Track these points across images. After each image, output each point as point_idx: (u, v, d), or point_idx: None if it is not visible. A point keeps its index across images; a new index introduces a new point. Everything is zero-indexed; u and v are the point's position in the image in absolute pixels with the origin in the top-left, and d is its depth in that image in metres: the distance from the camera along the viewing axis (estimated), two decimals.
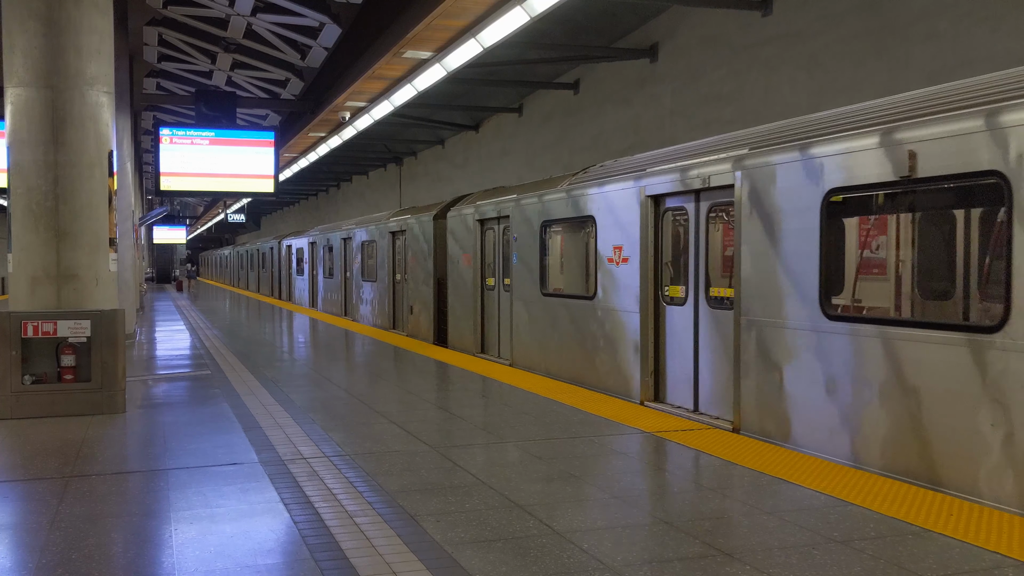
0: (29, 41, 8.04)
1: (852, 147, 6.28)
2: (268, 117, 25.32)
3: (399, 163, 32.80)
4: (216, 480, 5.54)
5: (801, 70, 12.93)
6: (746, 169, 7.52)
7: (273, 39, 17.03)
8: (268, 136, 13.66)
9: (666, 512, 4.82)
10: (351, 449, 6.40)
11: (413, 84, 14.10)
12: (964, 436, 5.31)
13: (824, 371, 6.46)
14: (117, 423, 7.54)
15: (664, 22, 16.12)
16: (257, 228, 70.41)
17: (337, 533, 4.48)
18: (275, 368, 11.21)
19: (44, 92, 8.07)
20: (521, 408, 8.17)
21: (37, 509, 4.93)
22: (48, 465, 5.98)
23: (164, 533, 4.53)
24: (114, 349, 7.96)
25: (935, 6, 10.87)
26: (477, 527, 4.55)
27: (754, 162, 7.43)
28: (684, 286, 8.77)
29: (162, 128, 13.17)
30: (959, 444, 5.35)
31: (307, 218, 50.98)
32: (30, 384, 7.79)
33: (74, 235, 8.15)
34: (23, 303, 8.07)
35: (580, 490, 5.28)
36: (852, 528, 4.51)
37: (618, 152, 17.74)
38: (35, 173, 8.07)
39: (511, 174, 22.50)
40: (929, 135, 5.65)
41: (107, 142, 8.47)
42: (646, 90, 16.83)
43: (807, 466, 5.85)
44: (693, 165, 8.50)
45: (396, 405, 8.33)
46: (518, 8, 10.03)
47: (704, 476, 5.65)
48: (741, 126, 14.16)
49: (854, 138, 6.29)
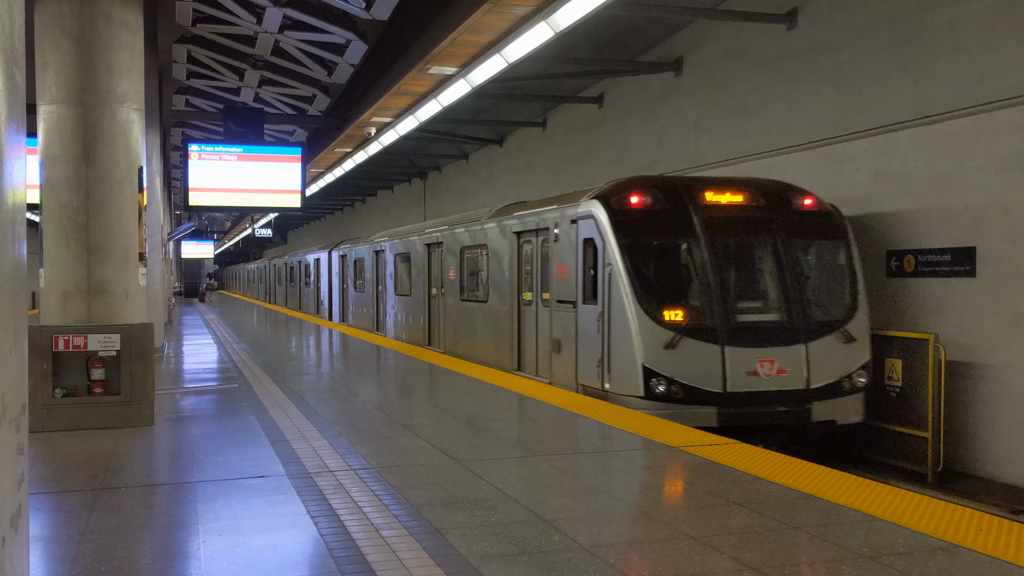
0: (61, 59, 8.18)
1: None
2: (295, 133, 25.52)
3: (424, 177, 32.96)
4: (244, 493, 5.57)
5: (827, 83, 12.89)
6: (572, 218, 11.46)
7: (300, 56, 17.19)
8: (295, 152, 13.77)
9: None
10: (377, 462, 6.42)
11: (438, 99, 14.18)
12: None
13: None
14: (146, 436, 7.61)
15: (688, 36, 16.13)
16: (284, 242, 70.91)
17: (363, 546, 4.50)
18: (301, 382, 11.27)
19: (76, 109, 8.20)
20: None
21: (67, 521, 4.98)
22: (78, 477, 6.04)
23: (192, 545, 4.57)
24: (143, 363, 8.04)
25: (962, 19, 10.81)
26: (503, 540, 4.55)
27: (571, 212, 11.47)
28: (532, 292, 13.07)
29: (191, 144, 13.31)
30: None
31: (332, 232, 51.25)
32: (61, 397, 7.88)
33: (104, 250, 8.26)
34: (54, 317, 8.18)
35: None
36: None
37: (643, 166, 17.73)
38: (66, 189, 8.19)
39: (535, 188, 22.56)
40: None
41: (137, 158, 8.58)
42: (670, 103, 16.83)
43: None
44: (532, 214, 12.88)
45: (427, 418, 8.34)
46: (542, 24, 10.07)
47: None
48: (767, 139, 14.13)
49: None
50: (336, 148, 20.48)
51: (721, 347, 9.95)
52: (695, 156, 16.04)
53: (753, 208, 10.92)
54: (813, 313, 10.54)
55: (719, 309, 10.21)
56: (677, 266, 10.96)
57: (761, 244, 10.86)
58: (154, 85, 15.64)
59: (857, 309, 10.67)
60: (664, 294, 10.47)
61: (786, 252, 10.70)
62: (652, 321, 10.01)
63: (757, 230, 10.82)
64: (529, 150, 23.55)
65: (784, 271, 10.62)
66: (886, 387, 11.11)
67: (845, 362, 10.37)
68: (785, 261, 10.66)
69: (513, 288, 13.75)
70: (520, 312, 13.58)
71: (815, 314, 10.55)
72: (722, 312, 10.19)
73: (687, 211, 10.61)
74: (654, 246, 10.87)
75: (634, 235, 10.52)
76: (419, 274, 18.77)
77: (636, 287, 10.15)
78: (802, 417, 10.11)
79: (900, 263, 11.62)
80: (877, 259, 12.01)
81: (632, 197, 10.69)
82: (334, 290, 28.86)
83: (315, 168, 24.11)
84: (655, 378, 9.86)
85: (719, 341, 9.99)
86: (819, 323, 10.45)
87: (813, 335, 10.31)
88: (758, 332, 10.28)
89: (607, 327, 10.54)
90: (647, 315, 10.02)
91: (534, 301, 13.03)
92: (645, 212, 10.69)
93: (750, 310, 10.59)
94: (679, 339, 9.92)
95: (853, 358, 10.41)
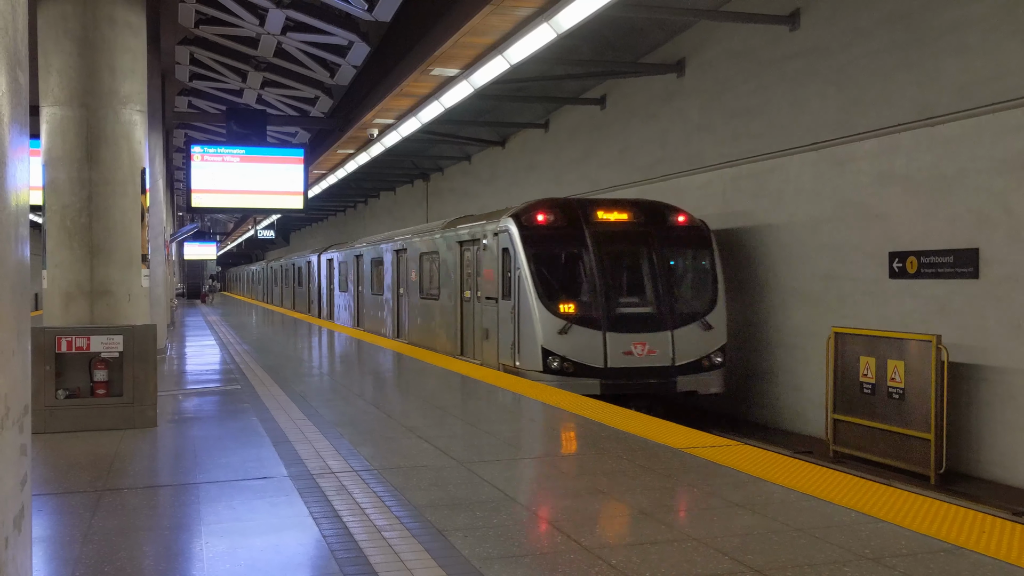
0: (64, 61, 8.18)
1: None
2: (297, 134, 25.54)
3: (426, 179, 32.98)
4: (246, 494, 5.58)
5: (830, 84, 12.88)
6: (494, 231, 14.20)
7: (303, 57, 17.21)
8: (298, 153, 13.78)
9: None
10: (379, 463, 6.42)
11: (440, 101, 14.18)
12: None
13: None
14: (149, 437, 7.62)
15: (691, 37, 16.13)
16: (286, 244, 70.95)
17: (366, 547, 4.50)
18: (304, 383, 11.28)
19: (79, 111, 8.21)
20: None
21: (70, 522, 4.99)
22: (81, 478, 6.05)
23: (195, 547, 4.57)
24: (146, 364, 8.04)
25: (965, 19, 10.80)
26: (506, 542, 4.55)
27: (493, 227, 14.34)
28: (470, 291, 15.55)
29: (193, 146, 13.32)
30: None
31: (334, 234, 51.27)
32: (63, 399, 7.89)
33: (107, 251, 8.27)
34: (57, 319, 8.18)
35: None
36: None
37: (645, 167, 17.74)
38: (69, 191, 8.20)
39: (538, 189, 22.57)
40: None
41: (140, 160, 8.59)
42: (673, 105, 16.83)
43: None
44: (470, 226, 15.72)
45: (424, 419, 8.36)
46: (545, 25, 10.06)
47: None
48: (769, 140, 14.12)
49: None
50: (338, 150, 20.49)
51: (603, 333, 12.70)
52: (697, 157, 16.04)
53: (634, 224, 13.72)
54: (679, 307, 13.29)
55: (603, 303, 12.91)
56: (571, 270, 13.66)
57: (639, 252, 13.60)
58: (157, 87, 15.65)
59: (716, 303, 13.36)
60: (560, 292, 13.18)
61: (659, 258, 13.44)
62: (550, 313, 12.79)
63: (636, 241, 13.61)
64: (532, 151, 23.56)
65: (657, 273, 13.36)
66: (888, 388, 11.10)
67: (705, 345, 13.10)
68: (658, 266, 13.40)
69: (457, 288, 16.41)
70: (463, 308, 16.22)
71: (680, 307, 13.29)
72: (605, 305, 12.90)
73: (581, 227, 13.42)
74: (553, 254, 13.63)
75: (538, 246, 13.34)
76: (389, 276, 21.51)
77: (538, 286, 12.97)
78: (669, 388, 12.88)
79: (903, 264, 11.61)
80: (879, 260, 12.01)
81: (538, 215, 13.53)
82: (323, 290, 31.56)
83: (317, 170, 24.13)
84: (551, 356, 12.64)
85: (602, 328, 12.73)
86: (684, 314, 13.19)
87: (678, 324, 13.06)
88: (633, 321, 12.99)
89: (518, 318, 13.34)
90: (546, 308, 12.81)
91: (472, 298, 15.68)
92: (548, 227, 13.49)
93: (628, 304, 13.28)
94: (570, 327, 12.72)
95: (711, 342, 13.17)
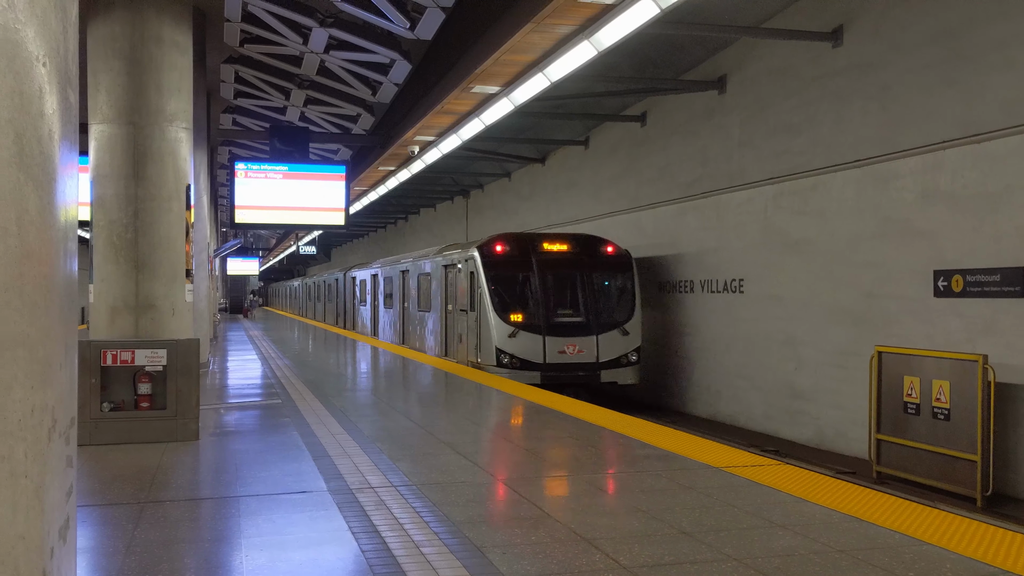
0: (113, 80, 8.36)
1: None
2: (339, 151, 25.78)
3: (466, 195, 33.10)
4: (286, 508, 5.61)
5: (873, 101, 12.75)
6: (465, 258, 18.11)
7: (345, 75, 17.38)
8: (339, 170, 13.93)
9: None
10: (418, 479, 6.44)
11: (481, 118, 14.25)
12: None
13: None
14: (191, 450, 7.70)
15: (732, 54, 16.07)
16: (328, 260, 71.57)
17: (404, 563, 4.50)
18: (343, 397, 11.35)
19: (126, 128, 8.38)
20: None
21: (114, 533, 5.05)
22: (124, 491, 6.13)
23: (235, 559, 4.61)
24: (189, 378, 8.14)
25: (1012, 35, 10.65)
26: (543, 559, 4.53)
27: (464, 255, 18.34)
28: (451, 304, 19.28)
29: (237, 163, 13.52)
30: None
31: (375, 250, 51.64)
32: (108, 411, 8.00)
33: (152, 266, 8.41)
34: (103, 332, 8.33)
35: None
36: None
37: (685, 184, 17.68)
38: (116, 206, 8.36)
39: (577, 206, 22.56)
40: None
41: (185, 176, 8.73)
42: (714, 121, 16.76)
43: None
44: (451, 253, 19.59)
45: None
46: (585, 43, 10.08)
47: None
48: (811, 157, 14.00)
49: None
50: (379, 166, 20.66)
51: (543, 336, 16.43)
52: (738, 175, 15.95)
53: (570, 253, 17.59)
54: (603, 317, 16.98)
55: (543, 314, 16.69)
56: (520, 289, 17.23)
57: (573, 275, 17.30)
58: (202, 104, 15.91)
59: (633, 315, 17.11)
60: (511, 305, 16.85)
61: (589, 280, 17.24)
62: (503, 321, 16.51)
63: (571, 266, 17.35)
64: (571, 168, 23.57)
65: (587, 292, 17.14)
66: (933, 408, 10.91)
67: (623, 347, 16.82)
68: (588, 286, 17.19)
69: (443, 302, 20.30)
70: (446, 318, 20.12)
71: (604, 318, 16.99)
72: (544, 316, 16.68)
73: (529, 255, 17.34)
74: (507, 276, 17.23)
75: (495, 270, 17.11)
76: (397, 292, 25.82)
77: (495, 301, 16.73)
78: (594, 379, 16.49)
79: (948, 283, 11.43)
80: (924, 278, 11.83)
81: (497, 246, 17.36)
82: (347, 304, 36.69)
83: (358, 186, 24.32)
84: (503, 354, 16.32)
85: (542, 332, 16.47)
86: (607, 323, 16.91)
87: (602, 330, 16.75)
88: (567, 328, 16.68)
89: (479, 325, 17.14)
90: (500, 318, 16.55)
91: (453, 310, 19.39)
92: (503, 256, 17.32)
93: (563, 315, 16.89)
94: (518, 332, 16.40)
95: (628, 345, 16.92)
